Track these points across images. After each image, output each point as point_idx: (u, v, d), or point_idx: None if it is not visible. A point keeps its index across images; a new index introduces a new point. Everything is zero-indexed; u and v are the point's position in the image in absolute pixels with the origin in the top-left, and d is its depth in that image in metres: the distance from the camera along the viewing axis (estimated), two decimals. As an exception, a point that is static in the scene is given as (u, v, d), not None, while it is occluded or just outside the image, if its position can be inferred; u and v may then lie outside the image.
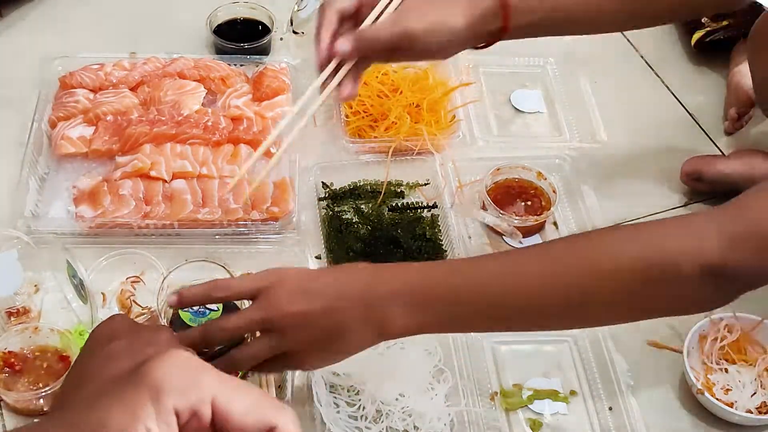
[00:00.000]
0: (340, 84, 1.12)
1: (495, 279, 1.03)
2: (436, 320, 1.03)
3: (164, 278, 1.20)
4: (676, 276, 0.98)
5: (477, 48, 1.21)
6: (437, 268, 1.06)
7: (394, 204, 1.47)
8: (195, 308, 1.13)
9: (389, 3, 1.12)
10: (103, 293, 1.31)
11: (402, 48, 1.12)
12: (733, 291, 1.03)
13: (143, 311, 1.29)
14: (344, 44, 1.09)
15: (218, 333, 1.01)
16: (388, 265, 1.07)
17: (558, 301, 1.02)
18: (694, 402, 1.25)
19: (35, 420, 1.16)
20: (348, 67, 1.11)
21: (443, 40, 1.14)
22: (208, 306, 1.14)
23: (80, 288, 1.23)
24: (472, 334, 1.27)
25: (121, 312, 1.28)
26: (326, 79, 1.12)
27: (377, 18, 1.12)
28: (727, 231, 0.98)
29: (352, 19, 1.13)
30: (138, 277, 1.33)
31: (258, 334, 1.03)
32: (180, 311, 1.13)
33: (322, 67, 1.11)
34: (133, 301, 1.30)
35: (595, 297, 1.02)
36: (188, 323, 1.13)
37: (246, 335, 1.06)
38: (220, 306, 1.14)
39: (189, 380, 0.61)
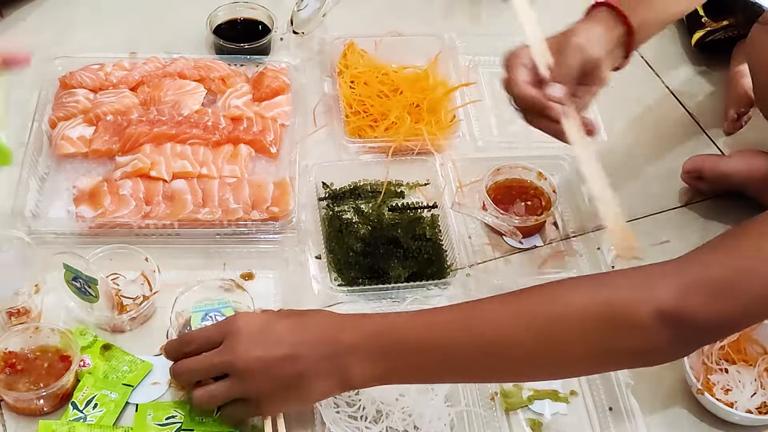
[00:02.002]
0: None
1: (456, 329, 1.05)
2: (400, 370, 1.06)
3: (176, 299, 1.25)
4: (633, 322, 0.98)
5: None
6: (399, 319, 1.09)
7: (394, 204, 1.47)
8: (204, 312, 1.22)
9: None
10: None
11: (587, 71, 1.22)
12: (692, 339, 1.02)
13: (134, 301, 1.30)
14: (556, 90, 1.19)
15: (185, 372, 1.11)
16: (350, 315, 1.10)
17: (517, 351, 1.03)
18: (694, 402, 1.25)
19: (40, 421, 1.16)
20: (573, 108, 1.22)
21: (609, 49, 1.25)
22: (220, 309, 1.22)
23: (85, 288, 1.22)
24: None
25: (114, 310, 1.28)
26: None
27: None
28: (681, 277, 0.99)
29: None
30: (116, 273, 1.32)
31: None
32: (191, 316, 1.22)
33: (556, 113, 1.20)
34: (121, 296, 1.30)
35: (555, 345, 1.02)
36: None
37: None
38: (231, 306, 1.23)
39: None
